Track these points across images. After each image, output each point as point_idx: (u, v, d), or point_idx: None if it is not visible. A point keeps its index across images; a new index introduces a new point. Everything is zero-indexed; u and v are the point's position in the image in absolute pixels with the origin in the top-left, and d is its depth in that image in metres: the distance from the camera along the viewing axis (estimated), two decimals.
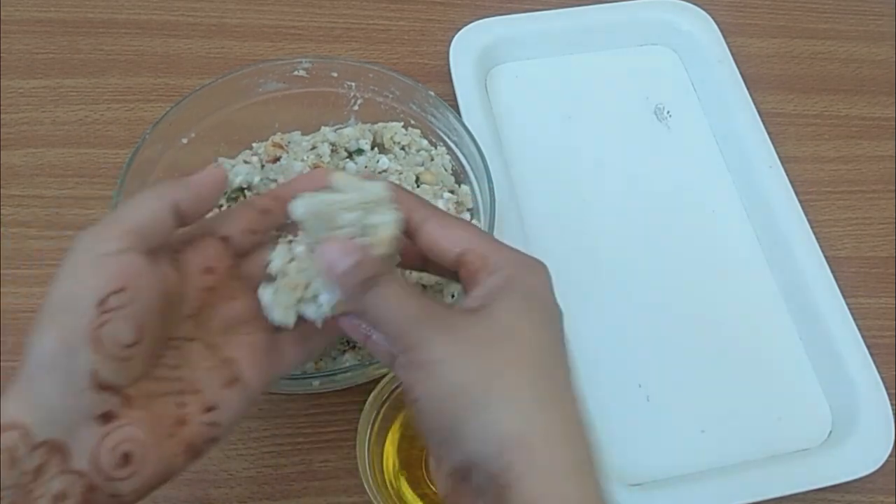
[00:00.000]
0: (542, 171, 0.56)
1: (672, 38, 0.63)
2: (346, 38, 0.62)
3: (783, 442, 0.47)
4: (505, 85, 0.60)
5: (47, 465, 0.25)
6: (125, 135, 0.55)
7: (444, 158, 0.48)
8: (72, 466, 0.25)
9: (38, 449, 0.25)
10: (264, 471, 0.44)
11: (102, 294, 0.26)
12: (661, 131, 0.59)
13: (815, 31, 0.67)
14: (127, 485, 0.26)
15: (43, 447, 0.25)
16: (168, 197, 0.29)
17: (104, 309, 0.26)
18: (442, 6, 0.64)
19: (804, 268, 0.51)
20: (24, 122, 0.55)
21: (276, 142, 0.48)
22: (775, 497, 0.43)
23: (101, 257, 0.27)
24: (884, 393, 0.47)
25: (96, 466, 0.26)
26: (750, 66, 0.62)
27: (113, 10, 0.61)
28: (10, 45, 0.58)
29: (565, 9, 0.62)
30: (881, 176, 0.59)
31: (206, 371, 0.30)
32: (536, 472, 0.25)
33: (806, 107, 0.62)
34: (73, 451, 0.25)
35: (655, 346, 0.49)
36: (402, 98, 0.48)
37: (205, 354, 0.30)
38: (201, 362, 0.30)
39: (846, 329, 0.49)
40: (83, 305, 0.26)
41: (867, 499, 0.46)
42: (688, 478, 0.45)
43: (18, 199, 0.52)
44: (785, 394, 0.49)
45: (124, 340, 0.26)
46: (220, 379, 0.30)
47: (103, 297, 0.26)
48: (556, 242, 0.53)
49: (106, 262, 0.27)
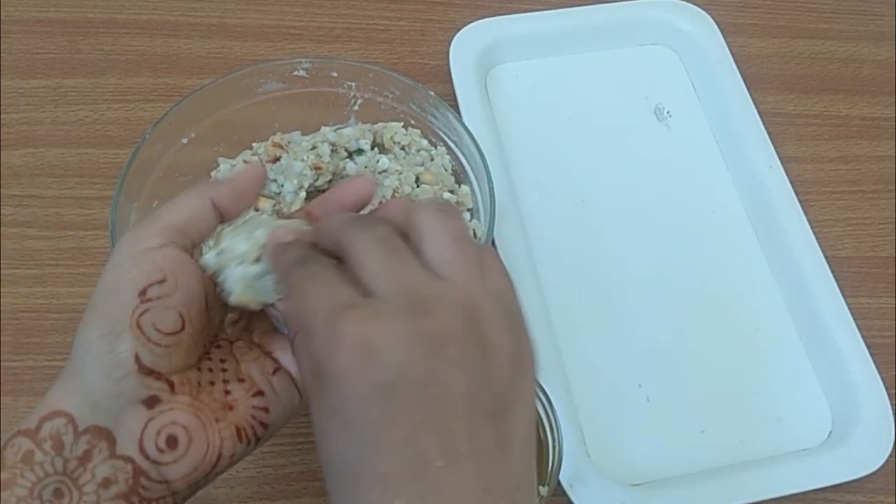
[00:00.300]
0: (542, 171, 0.56)
1: (672, 38, 0.63)
2: (345, 38, 0.62)
3: (783, 442, 0.47)
4: (505, 85, 0.60)
5: (93, 452, 0.25)
6: (125, 135, 0.55)
7: (444, 158, 0.48)
8: (118, 452, 0.26)
9: (84, 435, 0.25)
10: (264, 471, 0.44)
11: (144, 284, 0.27)
12: (661, 131, 0.59)
13: (815, 31, 0.67)
14: (174, 469, 0.26)
15: (89, 433, 0.26)
16: (207, 194, 0.30)
17: (145, 298, 0.27)
18: (442, 6, 0.64)
19: (804, 268, 0.51)
20: (24, 122, 0.55)
21: (276, 142, 0.48)
22: (775, 497, 0.43)
23: (143, 251, 0.28)
24: (884, 393, 0.47)
25: (142, 451, 0.26)
26: (750, 66, 0.62)
27: (113, 10, 0.61)
28: (10, 45, 0.58)
29: (565, 9, 0.62)
30: (881, 176, 0.59)
31: (252, 362, 0.30)
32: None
33: (806, 107, 0.62)
34: (119, 437, 0.26)
35: (655, 346, 0.49)
36: (402, 98, 0.48)
37: (248, 349, 0.31)
38: (246, 355, 0.31)
39: (846, 329, 0.49)
40: (125, 295, 0.27)
41: (867, 499, 0.46)
42: (688, 478, 0.45)
43: (18, 199, 0.52)
44: (785, 394, 0.49)
45: (166, 328, 0.27)
46: (265, 367, 0.30)
47: (144, 287, 0.27)
48: (555, 242, 0.53)
49: (147, 255, 0.27)
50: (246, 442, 0.28)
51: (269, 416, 0.29)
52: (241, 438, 0.28)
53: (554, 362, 0.46)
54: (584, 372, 0.48)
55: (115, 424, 0.26)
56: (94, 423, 0.26)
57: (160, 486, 0.26)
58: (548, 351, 0.46)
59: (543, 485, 0.39)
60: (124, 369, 0.26)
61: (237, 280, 0.29)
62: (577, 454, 0.43)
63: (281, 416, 0.30)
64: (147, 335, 0.26)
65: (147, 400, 0.26)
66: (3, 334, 0.46)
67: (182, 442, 0.27)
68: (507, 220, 0.50)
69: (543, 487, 0.39)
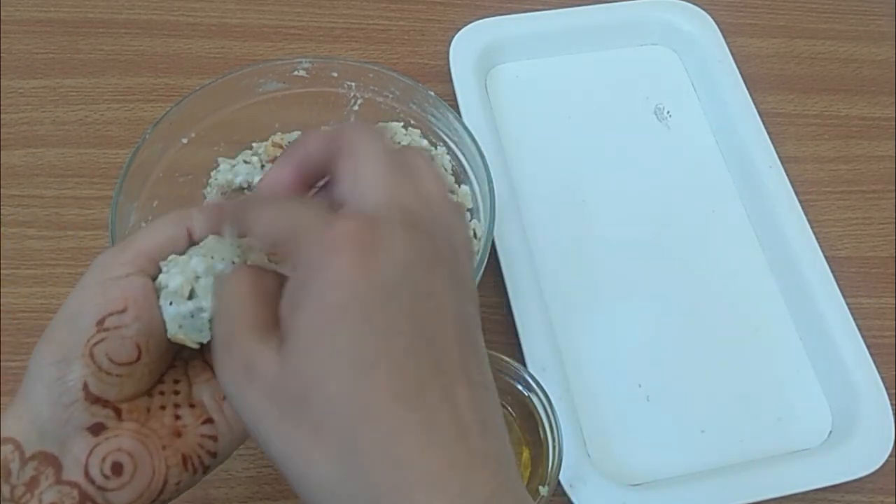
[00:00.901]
0: (542, 171, 0.56)
1: (672, 38, 0.63)
2: (345, 38, 0.62)
3: (783, 442, 0.47)
4: (505, 85, 0.60)
5: (40, 478, 0.25)
6: (125, 135, 0.55)
7: (444, 158, 0.48)
8: (65, 478, 0.26)
9: (31, 461, 0.25)
10: (264, 471, 0.44)
11: (104, 313, 0.26)
12: (661, 131, 0.59)
13: (815, 31, 0.67)
14: (120, 496, 0.26)
15: (36, 460, 0.25)
16: (184, 223, 0.29)
17: (102, 327, 0.26)
18: (442, 6, 0.64)
19: (804, 268, 0.51)
20: (24, 122, 0.55)
21: (276, 142, 0.48)
22: (775, 497, 0.43)
23: (109, 280, 0.27)
24: (884, 393, 0.47)
25: (87, 476, 0.26)
26: (750, 66, 0.62)
27: (113, 10, 0.61)
28: (10, 45, 0.58)
29: (565, 9, 0.62)
30: (881, 176, 0.59)
31: (204, 384, 0.29)
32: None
33: (806, 107, 0.62)
34: (65, 463, 0.26)
35: (655, 346, 0.49)
36: (402, 98, 0.48)
37: (202, 370, 0.30)
38: (199, 375, 0.30)
39: (846, 329, 0.49)
40: (83, 323, 0.26)
41: (867, 499, 0.46)
42: (688, 478, 0.45)
43: (18, 199, 0.52)
44: (785, 394, 0.49)
45: (119, 358, 0.27)
46: (217, 391, 0.29)
47: (104, 316, 0.26)
48: (555, 242, 0.53)
49: (113, 283, 0.27)
50: (192, 471, 0.28)
51: (218, 444, 0.29)
52: (188, 467, 0.28)
53: (554, 362, 0.46)
54: (584, 372, 0.48)
55: (61, 450, 0.26)
56: (41, 449, 0.26)
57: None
58: (548, 351, 0.46)
59: (543, 485, 0.39)
60: (72, 396, 0.26)
61: (170, 319, 0.28)
62: (577, 454, 0.43)
63: (230, 444, 0.29)
64: (99, 364, 0.26)
65: (93, 427, 0.26)
66: (3, 334, 0.46)
67: (127, 469, 0.26)
68: (507, 220, 0.50)
69: (543, 487, 0.39)
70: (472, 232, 0.46)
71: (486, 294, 0.50)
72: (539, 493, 0.39)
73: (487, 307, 0.50)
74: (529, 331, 0.47)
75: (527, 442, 0.43)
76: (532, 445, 0.42)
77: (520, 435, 0.43)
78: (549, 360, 0.46)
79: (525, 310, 0.47)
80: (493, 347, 0.41)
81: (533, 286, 0.48)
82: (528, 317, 0.47)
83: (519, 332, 0.47)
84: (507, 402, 0.44)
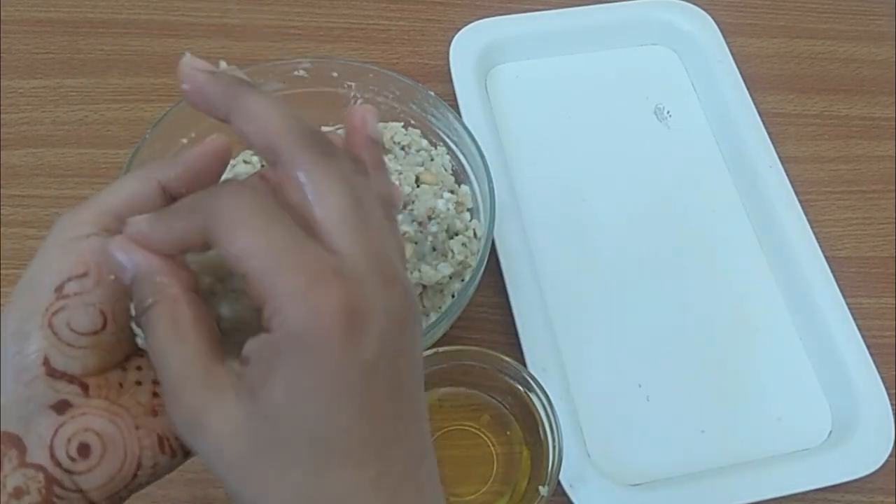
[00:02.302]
0: (542, 171, 0.56)
1: (672, 38, 0.63)
2: (345, 38, 0.62)
3: (783, 442, 0.47)
4: (505, 85, 0.60)
5: (4, 460, 0.23)
6: (125, 135, 0.55)
7: (444, 158, 0.48)
8: (29, 460, 0.23)
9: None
10: None
11: (63, 278, 0.24)
12: (661, 131, 0.59)
13: (815, 31, 0.67)
14: (89, 479, 0.24)
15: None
16: (154, 175, 0.26)
17: (62, 294, 0.24)
18: (442, 6, 0.64)
19: (804, 268, 0.51)
20: (24, 122, 0.55)
21: None
22: (775, 497, 0.43)
23: (70, 240, 0.25)
24: (884, 393, 0.47)
25: (53, 459, 0.24)
26: (750, 66, 0.62)
27: (113, 10, 0.61)
28: (10, 45, 0.58)
29: (565, 9, 0.62)
30: (881, 176, 0.59)
31: None
32: None
33: (806, 107, 0.62)
34: (29, 445, 0.24)
35: (655, 346, 0.49)
36: (402, 98, 0.48)
37: None
38: None
39: (846, 329, 0.49)
40: (42, 290, 0.24)
41: (867, 499, 0.46)
42: (688, 478, 0.45)
43: (18, 199, 0.52)
44: (785, 394, 0.49)
45: (82, 328, 0.24)
46: None
47: (63, 282, 0.24)
48: (555, 242, 0.53)
49: (74, 245, 0.25)
50: (171, 454, 0.25)
51: None
52: (164, 449, 0.25)
53: (554, 362, 0.46)
54: (584, 372, 0.48)
55: (25, 431, 0.24)
56: (5, 430, 0.23)
57: (76, 496, 0.24)
58: (548, 351, 0.46)
59: (543, 485, 0.39)
60: (32, 372, 0.24)
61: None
62: (577, 454, 0.43)
63: None
64: (59, 335, 0.24)
65: (57, 405, 0.24)
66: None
67: (95, 450, 0.24)
68: (507, 220, 0.50)
69: (543, 487, 0.39)
70: (473, 232, 0.46)
71: (486, 294, 0.50)
72: (539, 493, 0.39)
73: (487, 307, 0.50)
74: (529, 331, 0.47)
75: (527, 442, 0.43)
76: (532, 445, 0.42)
77: (520, 435, 0.43)
78: (549, 360, 0.46)
79: (525, 310, 0.47)
80: (493, 347, 0.41)
81: (533, 286, 0.48)
82: (528, 317, 0.47)
83: (519, 332, 0.47)
84: (507, 402, 0.44)
